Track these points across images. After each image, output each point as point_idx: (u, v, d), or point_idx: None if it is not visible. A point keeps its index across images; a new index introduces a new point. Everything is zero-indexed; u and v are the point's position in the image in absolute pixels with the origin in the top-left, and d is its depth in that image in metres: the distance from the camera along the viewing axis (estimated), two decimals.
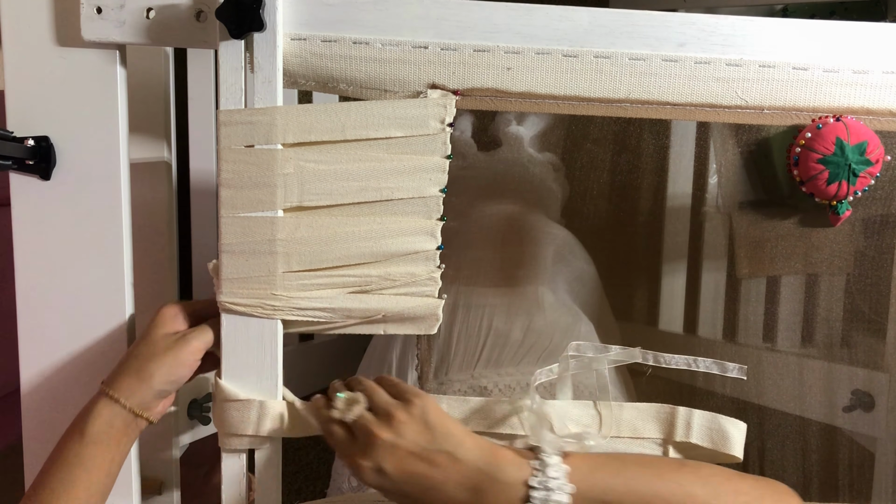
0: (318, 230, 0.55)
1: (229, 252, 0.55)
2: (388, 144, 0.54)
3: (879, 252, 0.65)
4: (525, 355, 0.80)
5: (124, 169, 0.58)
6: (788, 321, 0.76)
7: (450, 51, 0.54)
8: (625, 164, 0.94)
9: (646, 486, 0.48)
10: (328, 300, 0.55)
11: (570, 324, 0.84)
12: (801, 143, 0.57)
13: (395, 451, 0.48)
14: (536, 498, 0.47)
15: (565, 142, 1.00)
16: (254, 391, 0.56)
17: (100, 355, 0.59)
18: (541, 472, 0.48)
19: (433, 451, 0.49)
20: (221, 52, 0.53)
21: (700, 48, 0.55)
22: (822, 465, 0.81)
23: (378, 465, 0.48)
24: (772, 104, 0.56)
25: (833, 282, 0.69)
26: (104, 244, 0.58)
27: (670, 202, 1.00)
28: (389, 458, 0.48)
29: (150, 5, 0.54)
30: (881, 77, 0.56)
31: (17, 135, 0.56)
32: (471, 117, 1.07)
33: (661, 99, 0.56)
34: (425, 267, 0.56)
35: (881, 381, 0.74)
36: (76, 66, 0.56)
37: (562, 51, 0.55)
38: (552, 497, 0.47)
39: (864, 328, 0.69)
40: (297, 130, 0.53)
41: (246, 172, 0.53)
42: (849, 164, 0.57)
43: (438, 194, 0.55)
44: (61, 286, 0.58)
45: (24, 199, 0.58)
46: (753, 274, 0.70)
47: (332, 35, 0.54)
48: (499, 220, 0.94)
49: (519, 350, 0.80)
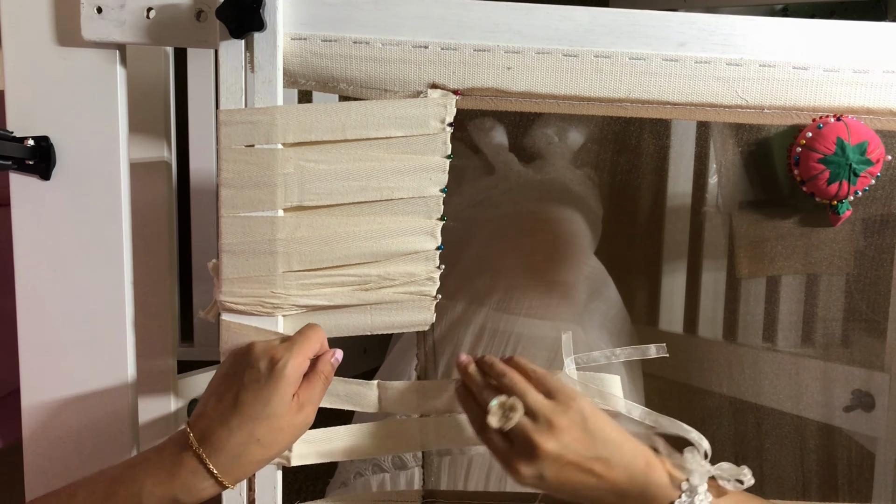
0: (319, 230, 0.55)
1: (229, 252, 0.54)
2: (388, 144, 0.54)
3: (879, 252, 0.65)
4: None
5: (124, 169, 0.58)
6: (788, 321, 0.76)
7: (450, 50, 0.54)
8: (624, 164, 0.94)
9: None
10: (328, 299, 0.55)
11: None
12: (802, 142, 0.57)
13: (559, 461, 0.48)
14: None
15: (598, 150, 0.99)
16: None
17: (100, 355, 0.59)
18: (689, 498, 0.49)
19: (592, 458, 0.49)
20: (221, 51, 0.52)
21: (700, 48, 0.55)
22: (822, 465, 0.81)
23: (540, 474, 0.48)
24: (772, 104, 0.56)
25: (833, 281, 0.69)
26: (104, 244, 0.58)
27: (670, 202, 1.00)
28: (552, 467, 0.48)
29: (151, 5, 0.54)
30: (881, 76, 0.56)
31: (17, 135, 0.56)
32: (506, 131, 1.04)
33: (662, 98, 0.56)
34: (425, 266, 0.56)
35: (881, 381, 0.74)
36: (76, 66, 0.56)
37: (562, 50, 0.55)
38: None
39: (864, 328, 0.69)
40: (297, 130, 0.53)
41: (246, 172, 0.53)
42: (849, 163, 0.57)
43: (439, 194, 0.55)
44: (61, 286, 0.58)
45: (24, 199, 0.58)
46: (753, 274, 0.70)
47: (332, 35, 0.54)
48: (539, 245, 0.92)
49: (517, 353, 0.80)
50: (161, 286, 0.72)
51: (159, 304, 0.72)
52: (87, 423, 0.60)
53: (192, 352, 1.26)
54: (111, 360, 0.59)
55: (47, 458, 0.60)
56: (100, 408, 0.59)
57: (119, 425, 0.60)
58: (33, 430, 0.60)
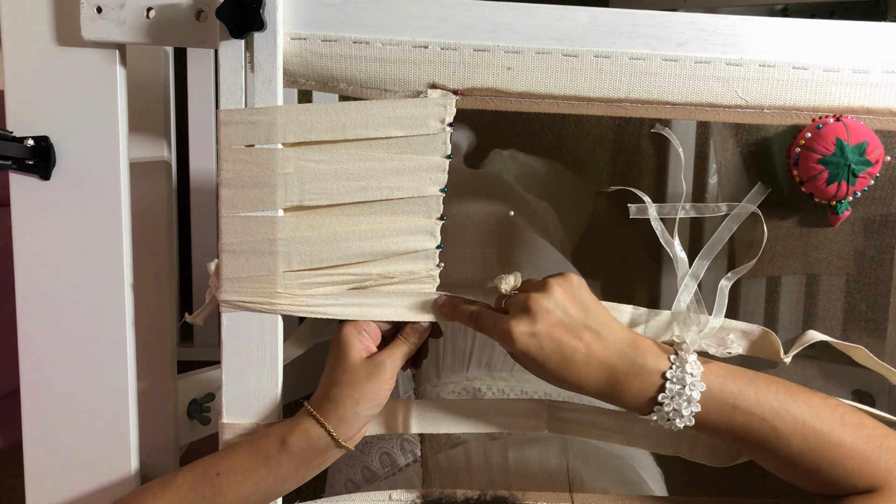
0: (319, 229, 0.55)
1: (230, 252, 0.55)
2: (388, 144, 0.54)
3: (879, 252, 0.65)
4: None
5: (124, 169, 0.58)
6: (788, 321, 0.75)
7: (450, 50, 0.54)
8: (623, 164, 0.94)
9: (776, 400, 0.50)
10: (328, 297, 0.56)
11: None
12: (801, 143, 0.58)
13: (550, 317, 0.50)
14: (670, 389, 0.50)
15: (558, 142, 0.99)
16: (253, 390, 0.56)
17: (100, 355, 0.59)
18: (679, 366, 0.50)
19: (582, 325, 0.50)
20: (221, 51, 0.53)
21: (700, 48, 0.55)
22: None
23: (532, 330, 0.50)
24: (772, 104, 0.56)
25: (833, 281, 0.69)
26: (104, 244, 0.58)
27: (670, 202, 1.00)
28: (544, 322, 0.50)
29: (150, 5, 0.54)
30: (881, 76, 0.56)
31: (17, 135, 0.56)
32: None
33: (661, 98, 0.56)
34: (424, 265, 0.56)
35: (881, 381, 0.74)
36: (76, 66, 0.56)
37: (562, 50, 0.55)
38: (685, 391, 0.49)
39: (864, 328, 0.69)
40: (297, 130, 0.53)
41: (246, 172, 0.53)
42: (848, 164, 0.57)
43: (438, 194, 0.55)
44: (61, 286, 0.58)
45: (24, 199, 0.58)
46: (753, 274, 0.70)
47: (332, 34, 0.54)
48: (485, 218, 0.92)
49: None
50: (161, 286, 0.72)
51: (159, 305, 0.72)
52: (87, 423, 0.60)
53: (192, 352, 1.26)
54: (111, 360, 0.59)
55: (47, 458, 0.60)
56: (100, 408, 0.59)
57: (119, 425, 0.60)
58: (33, 430, 0.60)
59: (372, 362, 0.54)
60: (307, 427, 0.53)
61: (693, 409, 0.50)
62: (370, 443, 0.79)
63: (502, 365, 0.79)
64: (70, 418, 0.59)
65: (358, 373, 0.53)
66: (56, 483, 0.60)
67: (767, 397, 0.50)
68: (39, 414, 0.60)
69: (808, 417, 0.50)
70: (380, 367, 0.54)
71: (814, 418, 0.50)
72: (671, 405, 0.50)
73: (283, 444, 0.53)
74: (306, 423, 0.53)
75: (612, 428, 0.60)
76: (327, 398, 0.54)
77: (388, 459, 0.77)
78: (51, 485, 0.60)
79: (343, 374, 0.54)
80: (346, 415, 0.53)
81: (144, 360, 0.65)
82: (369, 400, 0.53)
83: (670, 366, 0.51)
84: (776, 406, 0.50)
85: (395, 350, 0.55)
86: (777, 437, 0.50)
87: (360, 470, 0.78)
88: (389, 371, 0.54)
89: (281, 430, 0.54)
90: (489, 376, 0.78)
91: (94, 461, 0.60)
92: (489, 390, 0.77)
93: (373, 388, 0.53)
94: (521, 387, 0.77)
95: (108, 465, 0.60)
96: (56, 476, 0.60)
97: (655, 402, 0.50)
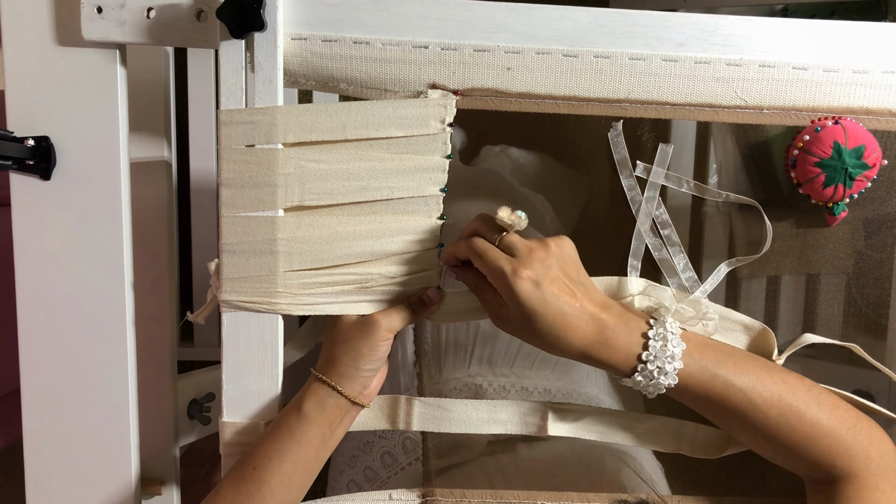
0: (319, 229, 0.55)
1: (230, 252, 0.55)
2: (388, 144, 0.54)
3: (879, 252, 0.65)
4: (516, 356, 0.79)
5: (124, 169, 0.58)
6: (788, 321, 0.76)
7: (450, 51, 0.54)
8: None
9: (753, 374, 0.52)
10: (329, 297, 0.56)
11: None
12: (799, 145, 0.58)
13: (552, 270, 0.51)
14: (653, 346, 0.52)
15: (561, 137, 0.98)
16: (254, 390, 0.56)
17: (100, 354, 0.59)
18: (659, 325, 0.53)
19: (576, 282, 0.53)
20: (222, 51, 0.53)
21: (700, 48, 0.55)
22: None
23: (537, 278, 0.50)
24: (771, 104, 0.56)
25: (833, 282, 0.69)
26: (104, 244, 0.58)
27: (670, 202, 1.00)
28: (549, 272, 0.51)
29: (151, 5, 0.54)
30: (881, 77, 0.56)
31: (17, 135, 0.56)
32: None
33: (661, 99, 0.56)
34: (425, 264, 0.56)
35: (881, 381, 0.74)
36: (76, 66, 0.56)
37: (562, 51, 0.55)
38: (668, 347, 0.52)
39: (864, 328, 0.69)
40: (297, 130, 0.53)
41: (246, 172, 0.54)
42: (845, 167, 0.57)
43: (439, 193, 0.55)
44: (61, 286, 0.58)
45: (24, 199, 0.58)
46: (753, 274, 0.70)
47: (332, 35, 0.54)
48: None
49: (509, 349, 0.80)
50: (161, 286, 0.72)
51: (159, 304, 0.72)
52: (86, 423, 0.60)
53: (192, 352, 1.26)
54: (111, 360, 0.59)
55: (47, 458, 0.60)
56: (100, 408, 0.59)
57: (119, 425, 0.60)
58: (33, 430, 0.60)
59: (365, 321, 0.55)
60: (316, 388, 0.55)
61: (676, 366, 0.51)
62: (371, 442, 0.79)
63: (503, 361, 0.79)
64: (70, 418, 0.59)
65: (352, 331, 0.55)
66: (56, 483, 0.60)
67: (745, 370, 0.52)
68: (39, 414, 0.60)
69: (783, 393, 0.52)
70: (374, 325, 0.55)
71: (790, 394, 0.52)
72: (654, 363, 0.51)
73: (301, 412, 0.54)
74: (314, 385, 0.55)
75: (613, 428, 0.60)
76: (327, 360, 0.56)
77: (389, 459, 0.77)
78: (51, 485, 0.60)
79: (338, 334, 0.56)
80: (346, 370, 0.54)
81: (144, 360, 0.65)
82: (366, 356, 0.54)
83: (650, 327, 0.53)
84: (753, 380, 0.52)
85: (392, 311, 0.56)
86: (755, 409, 0.51)
87: (362, 470, 0.78)
88: (384, 329, 0.55)
89: (295, 402, 0.55)
90: (490, 372, 0.78)
91: (94, 461, 0.60)
92: (490, 386, 0.77)
93: (368, 345, 0.54)
94: (522, 383, 0.77)
95: (108, 464, 0.60)
96: (56, 476, 0.60)
97: (640, 360, 0.52)
